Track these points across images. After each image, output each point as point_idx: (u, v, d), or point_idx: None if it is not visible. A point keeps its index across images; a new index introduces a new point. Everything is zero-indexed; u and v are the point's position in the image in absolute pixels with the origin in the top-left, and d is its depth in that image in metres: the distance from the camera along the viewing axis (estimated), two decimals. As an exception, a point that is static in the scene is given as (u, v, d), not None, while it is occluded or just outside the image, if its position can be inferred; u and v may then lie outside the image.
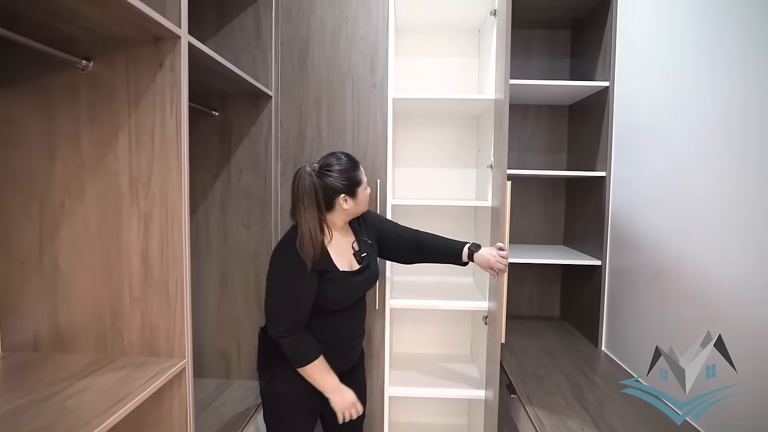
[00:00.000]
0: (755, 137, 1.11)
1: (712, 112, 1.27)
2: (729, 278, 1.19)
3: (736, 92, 1.18)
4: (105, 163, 1.16)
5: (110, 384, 1.03)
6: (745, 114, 1.15)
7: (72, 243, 1.18)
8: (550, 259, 2.05)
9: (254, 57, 1.89)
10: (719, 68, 1.25)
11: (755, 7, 1.13)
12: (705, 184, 1.29)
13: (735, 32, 1.20)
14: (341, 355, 1.55)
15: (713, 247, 1.26)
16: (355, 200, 1.47)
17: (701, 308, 1.30)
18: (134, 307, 1.19)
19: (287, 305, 1.42)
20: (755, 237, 1.11)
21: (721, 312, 1.21)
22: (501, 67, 1.69)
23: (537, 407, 1.44)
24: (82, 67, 1.13)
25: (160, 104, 1.14)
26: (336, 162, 1.45)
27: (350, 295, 1.54)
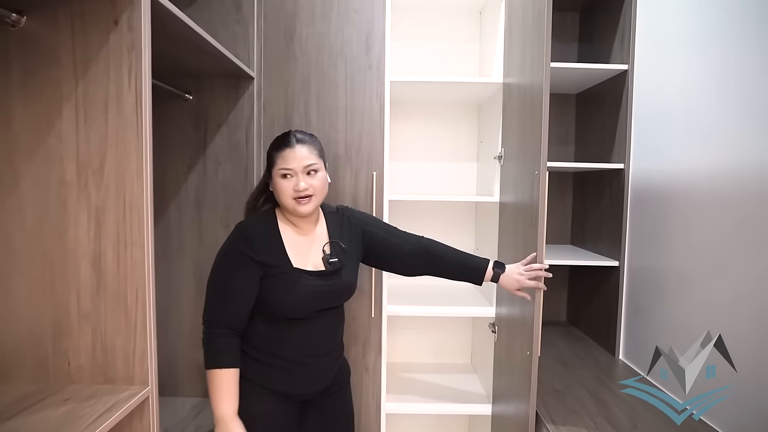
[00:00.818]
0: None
1: (759, 91, 1.10)
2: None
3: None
4: (45, 144, 0.93)
5: (51, 422, 0.80)
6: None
7: (3, 245, 0.94)
8: (561, 260, 1.87)
9: (234, 33, 1.66)
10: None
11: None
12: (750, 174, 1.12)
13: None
14: (302, 377, 1.30)
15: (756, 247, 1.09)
16: (273, 184, 1.28)
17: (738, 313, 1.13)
18: (83, 324, 0.95)
19: (215, 292, 1.23)
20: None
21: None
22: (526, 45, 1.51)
23: (563, 430, 1.25)
24: (12, 21, 0.89)
25: (116, 71, 0.92)
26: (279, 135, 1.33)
27: (306, 301, 1.27)
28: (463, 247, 2.20)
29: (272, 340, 1.26)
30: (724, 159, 1.25)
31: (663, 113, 1.54)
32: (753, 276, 1.14)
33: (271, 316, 1.26)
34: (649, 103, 1.63)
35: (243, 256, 1.22)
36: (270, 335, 1.26)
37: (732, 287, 1.21)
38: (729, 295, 1.21)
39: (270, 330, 1.26)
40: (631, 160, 1.73)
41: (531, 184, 1.38)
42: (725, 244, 1.24)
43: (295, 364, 1.28)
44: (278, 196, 1.27)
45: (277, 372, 1.27)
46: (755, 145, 1.13)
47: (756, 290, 1.12)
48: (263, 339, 1.26)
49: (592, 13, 2.05)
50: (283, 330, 1.27)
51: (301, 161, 1.24)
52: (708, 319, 1.29)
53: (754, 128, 1.14)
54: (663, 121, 1.54)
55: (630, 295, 1.73)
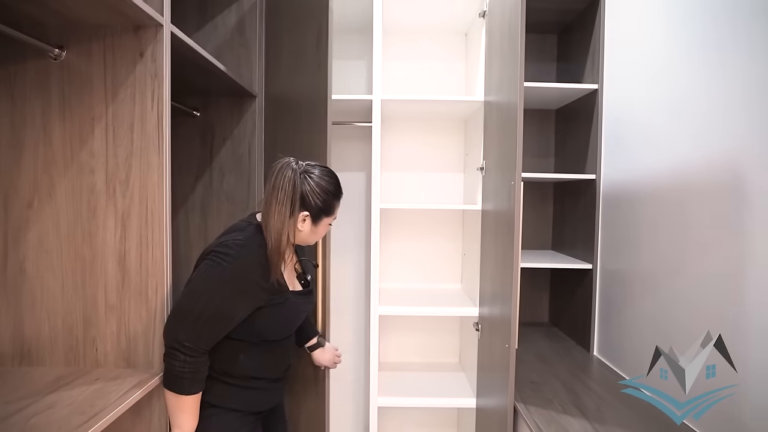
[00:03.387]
0: (755, 132, 1.10)
1: (709, 109, 1.26)
2: (732, 280, 1.17)
3: (733, 88, 1.18)
4: (79, 158, 1.08)
5: (81, 399, 0.94)
6: (743, 109, 1.14)
7: (40, 246, 1.09)
8: (540, 264, 2.02)
9: (238, 55, 1.82)
10: (715, 64, 1.24)
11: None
12: (704, 184, 1.28)
13: (731, 24, 1.19)
14: (275, 392, 1.35)
15: (714, 249, 1.24)
16: (313, 227, 1.23)
17: (701, 312, 1.28)
18: (110, 315, 1.09)
19: (208, 315, 1.09)
20: (757, 238, 1.09)
21: (723, 314, 1.19)
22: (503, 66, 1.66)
23: (536, 416, 1.39)
24: (55, 55, 1.05)
25: (140, 96, 1.07)
26: (323, 176, 1.23)
27: (295, 323, 1.32)
28: (451, 252, 2.37)
29: (250, 363, 1.22)
30: (673, 167, 1.41)
31: (627, 128, 1.70)
32: (700, 273, 1.29)
33: (253, 339, 1.21)
34: (616, 118, 1.79)
35: (254, 286, 1.15)
36: (248, 358, 1.22)
37: (686, 286, 1.36)
38: (684, 294, 1.36)
39: (248, 353, 1.22)
40: (601, 170, 1.89)
41: (508, 193, 1.52)
42: (676, 244, 1.39)
43: (271, 382, 1.30)
44: (314, 237, 1.27)
45: (253, 394, 1.26)
46: (701, 154, 1.29)
47: (704, 288, 1.27)
48: (240, 363, 1.21)
49: (569, 34, 2.22)
50: (263, 352, 1.25)
51: None
52: (669, 316, 1.44)
53: (698, 139, 1.30)
54: (627, 135, 1.70)
55: (602, 295, 1.88)
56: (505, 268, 1.53)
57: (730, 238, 1.18)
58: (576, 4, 2.00)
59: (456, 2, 1.99)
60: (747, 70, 1.13)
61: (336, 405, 2.41)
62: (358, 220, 2.37)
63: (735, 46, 1.17)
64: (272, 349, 1.27)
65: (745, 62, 1.14)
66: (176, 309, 1.10)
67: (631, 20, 1.70)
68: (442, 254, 2.40)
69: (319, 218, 1.23)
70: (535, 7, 1.97)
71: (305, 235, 1.24)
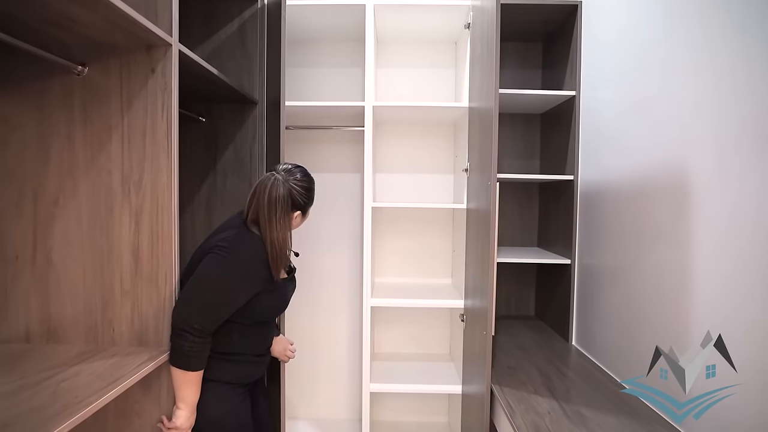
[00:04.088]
0: (703, 139, 1.23)
1: (668, 117, 1.39)
2: (682, 272, 1.30)
3: (689, 98, 1.31)
4: (98, 162, 1.22)
5: (102, 369, 1.09)
6: (699, 117, 1.27)
7: (64, 238, 1.24)
8: (525, 259, 2.15)
9: (240, 65, 1.96)
10: (676, 75, 1.37)
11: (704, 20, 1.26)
12: (663, 185, 1.41)
13: (690, 40, 1.32)
14: (261, 365, 1.54)
15: (668, 246, 1.37)
16: (303, 219, 1.46)
17: (655, 300, 1.41)
18: (124, 300, 1.24)
19: (214, 301, 1.27)
20: (710, 233, 1.22)
21: (675, 301, 1.32)
22: (483, 75, 1.80)
23: (509, 395, 1.53)
24: (78, 72, 1.20)
25: (152, 108, 1.22)
26: (303, 177, 1.41)
27: (285, 304, 1.52)
28: (441, 247, 2.51)
29: (242, 342, 1.39)
30: (634, 170, 1.54)
31: (599, 133, 1.83)
32: (654, 266, 1.42)
33: (246, 321, 1.37)
34: (590, 123, 1.92)
35: (255, 276, 1.32)
36: (240, 338, 1.38)
37: (642, 277, 1.49)
38: (641, 285, 1.49)
39: (240, 333, 1.37)
40: (579, 172, 2.02)
41: (486, 193, 1.66)
42: (634, 240, 1.52)
43: (258, 356, 1.49)
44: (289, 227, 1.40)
45: (243, 367, 1.43)
46: (657, 159, 1.42)
47: (657, 279, 1.40)
48: (234, 342, 1.36)
49: (553, 43, 2.35)
50: (253, 332, 1.42)
51: None
52: (629, 306, 1.57)
53: (656, 145, 1.43)
54: (599, 139, 1.83)
55: (580, 289, 2.01)
56: (483, 263, 1.67)
57: (679, 235, 1.30)
58: (556, 16, 2.13)
59: (445, 14, 2.13)
60: (699, 84, 1.26)
61: (331, 392, 2.56)
62: (353, 218, 2.51)
63: (690, 64, 1.30)
64: (260, 329, 1.46)
65: (697, 77, 1.27)
66: (186, 295, 1.25)
67: (603, 32, 1.83)
68: (434, 251, 2.54)
69: (306, 210, 1.46)
70: (518, 18, 2.12)
71: (296, 227, 1.46)
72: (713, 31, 1.19)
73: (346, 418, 2.57)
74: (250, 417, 1.47)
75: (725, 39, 1.15)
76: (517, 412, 1.40)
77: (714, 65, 1.18)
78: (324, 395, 2.58)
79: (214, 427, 1.35)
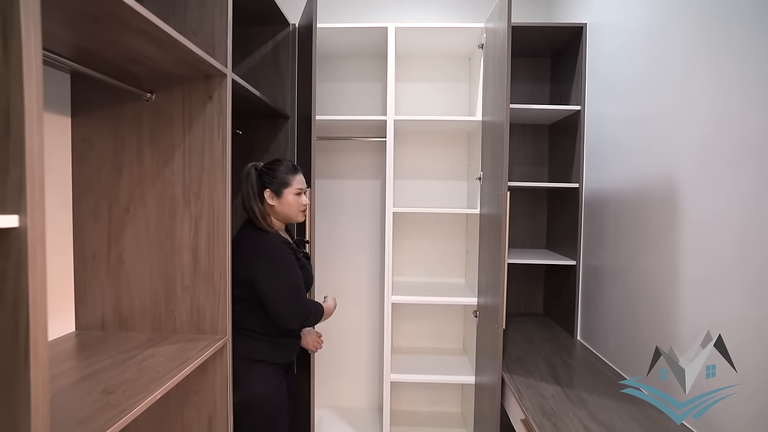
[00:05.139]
0: (686, 154, 1.40)
1: (660, 132, 1.56)
2: (672, 273, 1.47)
3: (677, 116, 1.47)
4: (163, 175, 1.43)
5: (172, 352, 1.29)
6: (686, 133, 1.44)
7: (134, 241, 1.44)
8: (533, 260, 2.32)
9: (273, 83, 2.17)
10: (667, 94, 1.54)
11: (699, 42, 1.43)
12: (657, 193, 1.57)
13: (679, 64, 1.49)
14: (294, 347, 1.76)
15: (660, 249, 1.53)
16: (280, 201, 1.63)
17: (649, 297, 1.58)
18: (185, 294, 1.44)
19: (299, 283, 1.57)
20: (695, 238, 1.39)
21: (667, 304, 1.49)
22: (493, 93, 1.98)
23: (518, 382, 1.70)
24: (147, 98, 1.40)
25: (209, 129, 1.42)
26: (276, 164, 1.67)
27: (312, 276, 1.76)
28: (455, 249, 2.68)
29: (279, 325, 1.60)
30: (632, 180, 1.71)
31: (602, 145, 2.00)
32: (647, 267, 1.59)
33: None
34: (594, 135, 2.09)
35: (291, 255, 1.60)
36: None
37: (636, 277, 1.66)
38: (636, 284, 1.66)
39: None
40: (583, 180, 2.18)
41: (498, 200, 1.84)
42: (630, 243, 1.69)
43: (293, 338, 1.74)
44: (288, 209, 1.64)
45: (283, 348, 1.66)
46: (652, 170, 1.59)
47: (650, 278, 1.57)
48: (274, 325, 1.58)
49: (560, 60, 2.51)
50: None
51: (304, 182, 1.70)
52: (626, 303, 1.73)
53: (650, 158, 1.59)
54: (602, 150, 2.00)
55: (584, 288, 2.17)
56: (495, 264, 1.85)
57: (670, 240, 1.47)
58: (564, 36, 2.30)
59: (460, 36, 2.31)
60: (687, 103, 1.43)
61: (353, 382, 2.75)
62: (375, 222, 2.70)
63: (679, 85, 1.47)
64: None
65: (685, 97, 1.44)
66: (287, 295, 1.54)
67: (605, 52, 1.99)
68: (448, 252, 2.72)
69: (280, 191, 1.64)
70: (528, 37, 2.29)
71: (279, 207, 1.64)
72: (699, 57, 1.35)
73: (366, 407, 2.76)
74: (287, 394, 1.67)
75: (710, 65, 1.31)
76: (525, 395, 1.57)
77: (700, 87, 1.35)
78: (346, 386, 2.77)
79: (260, 403, 1.57)
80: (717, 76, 1.28)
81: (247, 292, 1.54)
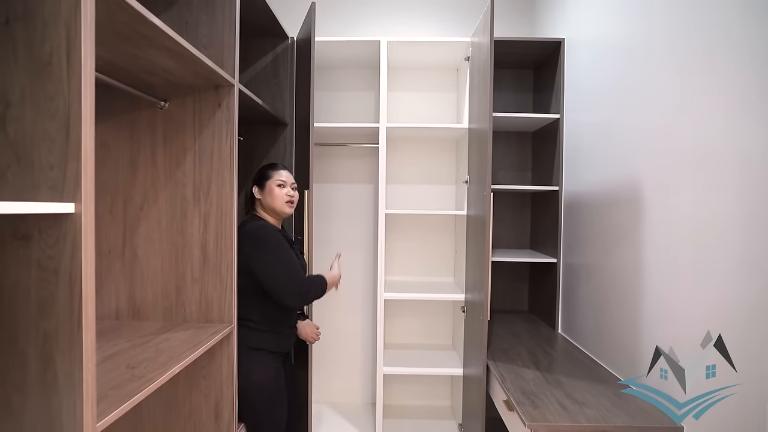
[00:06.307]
0: (646, 161, 1.56)
1: (624, 139, 1.72)
2: (635, 268, 1.62)
3: (636, 127, 1.64)
4: (175, 176, 1.56)
5: (184, 337, 1.41)
6: (643, 142, 1.60)
7: (147, 237, 1.57)
8: (516, 258, 2.47)
9: (273, 92, 2.31)
10: (627, 107, 1.70)
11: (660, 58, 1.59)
12: (623, 195, 1.73)
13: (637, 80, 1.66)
14: (291, 337, 1.89)
15: (625, 247, 1.69)
16: (263, 193, 1.82)
17: (617, 292, 1.73)
18: (194, 286, 1.57)
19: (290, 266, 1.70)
20: (661, 237, 1.54)
21: (632, 292, 1.64)
22: (478, 102, 2.14)
23: (501, 369, 1.84)
24: (161, 106, 1.53)
25: (218, 134, 1.55)
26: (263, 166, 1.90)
27: (304, 261, 1.93)
28: (445, 249, 2.83)
29: (278, 315, 1.76)
30: (602, 183, 1.87)
31: (578, 150, 2.16)
32: (615, 264, 1.74)
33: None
34: (571, 142, 2.25)
35: (286, 242, 1.76)
36: (276, 312, 1.74)
37: (607, 273, 1.81)
38: (606, 279, 1.81)
39: (276, 308, 1.74)
40: (562, 183, 2.34)
41: (482, 202, 1.99)
42: (601, 242, 1.84)
43: (290, 328, 1.88)
44: (272, 200, 1.80)
45: (281, 337, 1.80)
46: (619, 174, 1.75)
47: (618, 275, 1.72)
48: (271, 316, 1.74)
49: (542, 71, 2.68)
50: (285, 307, 1.77)
51: (289, 178, 1.86)
52: (600, 297, 1.89)
53: (617, 163, 1.76)
54: (578, 155, 2.16)
55: (564, 284, 2.33)
56: (481, 261, 1.99)
57: (634, 238, 1.63)
58: (544, 50, 2.47)
59: (448, 49, 2.48)
60: (643, 115, 1.60)
61: (349, 378, 2.87)
62: (368, 223, 2.84)
63: (640, 99, 1.64)
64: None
65: (641, 110, 1.60)
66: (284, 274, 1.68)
67: (580, 66, 2.16)
68: (438, 252, 2.86)
69: (262, 183, 1.83)
70: (512, 51, 2.46)
71: (264, 200, 1.83)
72: (656, 73, 1.52)
73: (360, 402, 2.88)
74: (284, 382, 1.80)
75: (665, 81, 1.48)
76: (507, 379, 1.71)
77: (657, 100, 1.51)
78: (341, 382, 2.89)
79: (259, 389, 1.69)
80: (672, 89, 1.44)
81: (246, 281, 1.67)
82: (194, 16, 1.55)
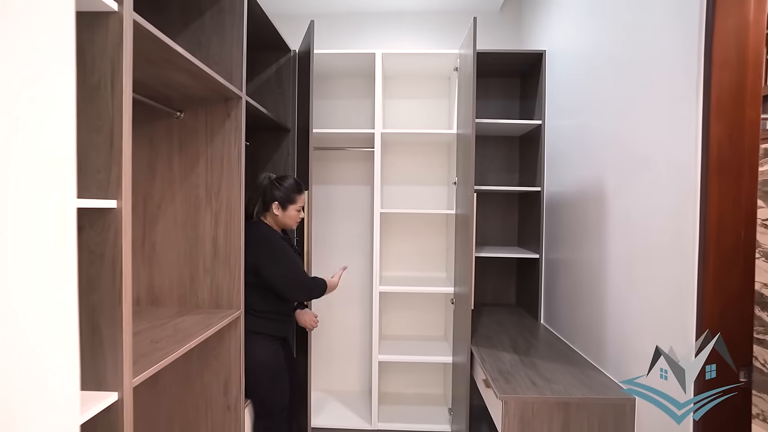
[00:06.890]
0: (608, 164, 1.74)
1: (593, 144, 1.90)
2: (600, 261, 1.81)
3: (601, 131, 1.82)
4: (189, 179, 1.75)
5: (198, 319, 1.61)
6: (607, 145, 1.78)
7: (165, 232, 1.76)
8: (502, 254, 2.65)
9: (276, 101, 2.51)
10: (595, 114, 1.89)
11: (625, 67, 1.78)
12: (591, 195, 1.91)
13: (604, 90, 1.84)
14: (289, 323, 2.12)
15: (592, 242, 1.87)
16: (284, 213, 2.00)
17: (587, 284, 1.91)
18: (206, 275, 1.76)
19: (295, 266, 1.93)
20: (610, 233, 1.72)
21: (600, 285, 1.82)
22: (464, 109, 2.32)
23: (483, 353, 2.02)
24: (177, 116, 1.73)
25: (227, 141, 1.75)
26: (287, 180, 2.03)
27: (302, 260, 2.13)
28: (437, 246, 3.01)
29: (277, 303, 1.97)
30: (576, 184, 2.05)
31: (557, 153, 2.35)
32: (584, 258, 1.92)
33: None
34: (552, 147, 2.44)
35: (288, 244, 2.00)
36: (275, 300, 1.95)
37: (578, 267, 1.99)
38: (578, 273, 2.00)
39: (276, 298, 1.95)
40: (544, 184, 2.53)
41: (468, 201, 2.17)
42: (574, 238, 2.03)
43: (287, 315, 2.09)
44: (286, 220, 2.01)
45: (278, 323, 2.00)
46: (589, 175, 1.93)
47: (587, 268, 1.91)
48: (272, 304, 1.94)
49: (527, 79, 2.87)
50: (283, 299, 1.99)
51: (305, 201, 2.09)
52: (575, 289, 2.07)
53: (588, 166, 1.94)
54: (557, 158, 2.34)
55: (546, 278, 2.51)
56: (466, 256, 2.17)
57: (598, 232, 1.81)
58: (528, 60, 2.66)
59: (439, 60, 2.67)
60: (607, 121, 1.78)
61: (346, 368, 3.06)
62: (365, 223, 3.03)
63: (606, 107, 1.82)
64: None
65: (606, 117, 1.79)
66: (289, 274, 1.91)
67: (558, 76, 2.35)
68: (431, 249, 3.05)
69: (286, 206, 2.00)
70: (498, 61, 2.65)
71: (281, 218, 2.00)
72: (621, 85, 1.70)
73: (357, 390, 3.07)
74: (284, 361, 2.01)
75: (617, 92, 1.66)
76: (487, 361, 1.90)
77: (613, 109, 1.70)
78: (338, 371, 3.08)
79: (262, 367, 1.90)
80: (623, 99, 1.62)
81: (252, 278, 1.87)
82: (206, 36, 1.75)
